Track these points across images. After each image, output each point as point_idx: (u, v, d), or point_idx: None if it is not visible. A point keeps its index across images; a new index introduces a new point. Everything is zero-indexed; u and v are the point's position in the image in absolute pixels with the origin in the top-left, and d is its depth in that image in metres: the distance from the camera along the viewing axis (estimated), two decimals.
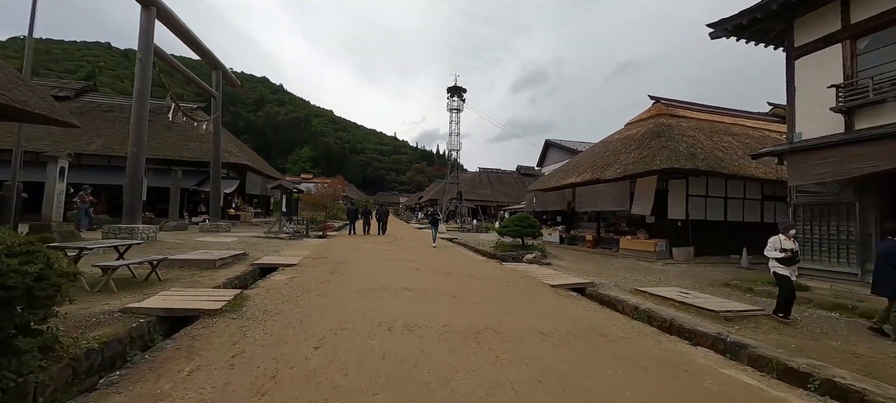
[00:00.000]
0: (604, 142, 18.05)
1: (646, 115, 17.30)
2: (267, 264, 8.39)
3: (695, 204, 13.33)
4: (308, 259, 9.45)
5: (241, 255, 9.04)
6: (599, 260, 12.40)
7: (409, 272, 7.97)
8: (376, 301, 5.36)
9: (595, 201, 14.69)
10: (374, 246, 13.38)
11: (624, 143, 15.68)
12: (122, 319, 4.05)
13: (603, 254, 14.16)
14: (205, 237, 12.59)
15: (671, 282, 8.39)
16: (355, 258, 9.98)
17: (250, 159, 22.63)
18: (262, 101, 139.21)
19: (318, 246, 12.51)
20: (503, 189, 44.94)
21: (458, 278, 7.55)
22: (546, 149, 30.27)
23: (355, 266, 8.60)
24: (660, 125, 14.90)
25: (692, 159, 11.92)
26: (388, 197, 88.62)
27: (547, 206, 18.80)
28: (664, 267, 11.20)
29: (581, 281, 7.67)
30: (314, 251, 11.21)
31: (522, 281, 7.59)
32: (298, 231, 16.08)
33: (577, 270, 9.86)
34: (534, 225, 12.85)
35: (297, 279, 6.92)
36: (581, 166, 17.10)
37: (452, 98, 30.75)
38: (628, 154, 14.34)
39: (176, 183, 15.10)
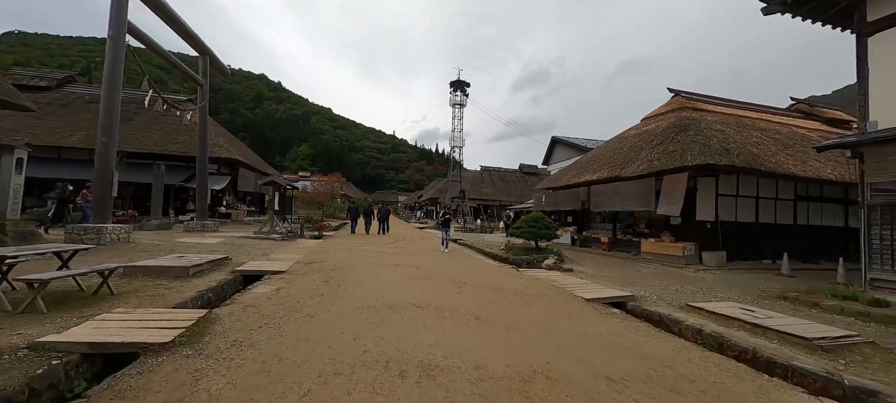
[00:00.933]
0: (620, 138, 16.92)
1: (664, 109, 16.20)
2: (251, 271, 7.21)
3: (725, 205, 12.23)
4: (300, 264, 8.28)
5: (222, 260, 7.86)
6: (622, 265, 11.27)
7: (416, 281, 6.81)
8: (381, 325, 4.20)
9: (613, 201, 13.56)
10: (375, 248, 12.21)
11: (644, 139, 14.56)
12: (25, 360, 2.88)
13: (622, 258, 13.04)
14: (187, 238, 11.40)
15: (715, 294, 7.27)
16: (354, 263, 8.82)
17: (243, 154, 21.41)
18: (260, 99, 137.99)
19: (313, 249, 11.34)
20: (506, 188, 43.80)
21: (476, 289, 6.39)
22: (552, 147, 29.13)
23: (354, 273, 7.44)
24: (683, 119, 13.80)
25: (726, 154, 10.79)
26: (387, 195, 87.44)
27: (558, 206, 17.66)
28: (696, 273, 10.08)
29: (619, 293, 6.53)
30: (308, 254, 10.04)
31: (550, 294, 6.44)
32: (292, 231, 14.89)
33: (603, 277, 8.73)
34: (549, 227, 11.72)
35: (283, 291, 5.75)
36: (596, 163, 15.97)
37: (455, 92, 29.54)
38: (650, 150, 13.22)
39: (158, 178, 13.89)
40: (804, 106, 18.78)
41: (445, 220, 13.25)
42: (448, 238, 13.14)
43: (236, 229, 15.77)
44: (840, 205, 14.17)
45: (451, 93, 29.45)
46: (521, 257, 11.05)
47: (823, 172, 11.81)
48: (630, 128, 17.22)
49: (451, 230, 13.93)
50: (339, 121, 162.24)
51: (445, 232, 13.06)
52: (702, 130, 12.18)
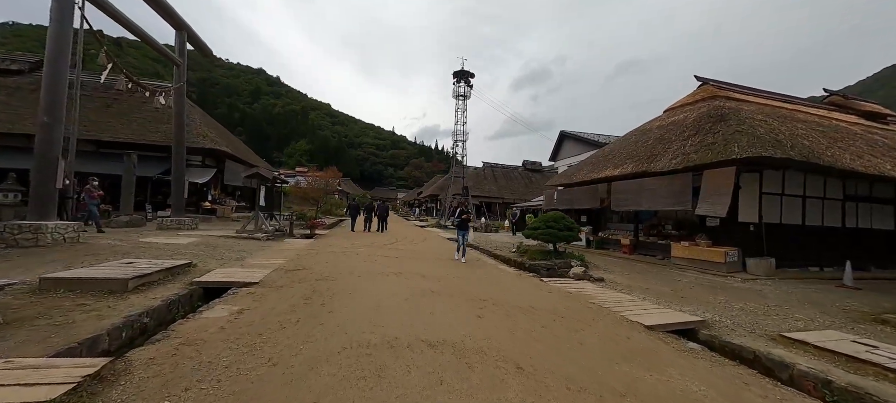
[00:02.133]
0: (641, 131, 15.45)
1: (692, 99, 14.74)
2: (214, 283, 5.72)
3: (768, 204, 10.79)
4: (279, 273, 6.79)
5: (182, 268, 6.37)
6: (655, 273, 9.83)
7: (424, 299, 5.34)
8: (376, 383, 2.75)
9: (640, 199, 12.11)
10: (373, 251, 10.73)
11: (672, 130, 13.10)
12: None
13: (649, 263, 11.60)
14: (156, 238, 9.90)
15: (792, 314, 5.86)
16: (346, 270, 7.34)
17: (231, 146, 19.86)
18: (258, 93, 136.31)
19: (301, 251, 9.85)
20: (509, 185, 42.33)
21: (502, 312, 4.93)
22: (561, 142, 27.64)
23: (345, 286, 5.96)
24: (717, 108, 12.34)
25: (779, 146, 9.34)
26: (386, 192, 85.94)
27: (572, 204, 16.20)
28: (745, 284, 8.65)
29: (685, 317, 5.06)
30: (293, 258, 8.55)
31: (598, 318, 4.97)
32: (280, 229, 13.40)
33: (643, 290, 7.29)
34: (571, 228, 10.25)
35: (246, 316, 4.27)
36: (617, 157, 14.50)
37: (459, 83, 27.96)
38: (682, 142, 11.76)
39: (129, 170, 12.35)
40: (838, 98, 17.31)
41: (463, 221, 10.16)
42: (466, 244, 10.26)
43: (219, 227, 14.26)
44: (890, 206, 12.76)
45: (454, 84, 27.90)
46: (540, 262, 9.60)
47: (883, 168, 10.37)
48: (653, 120, 15.75)
49: (470, 234, 11.21)
50: (338, 117, 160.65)
51: (463, 236, 10.10)
52: (744, 120, 10.73)
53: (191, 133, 17.54)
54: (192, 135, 17.45)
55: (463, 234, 10.09)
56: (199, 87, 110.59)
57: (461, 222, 10.18)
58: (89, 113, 17.65)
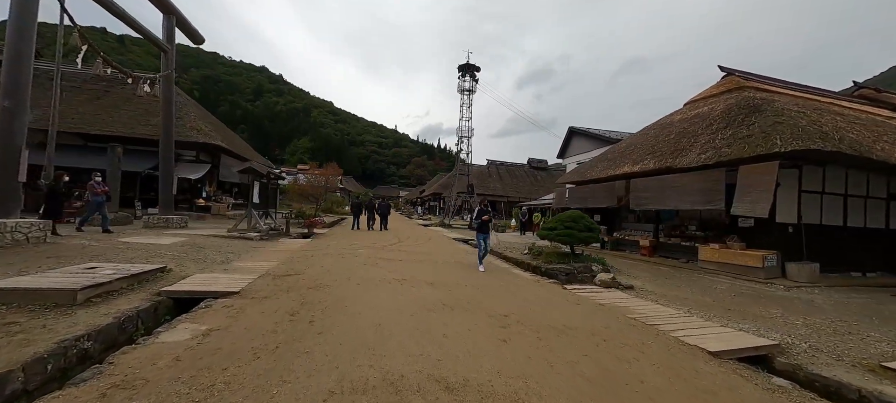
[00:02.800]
0: (661, 124, 14.49)
1: (717, 90, 13.78)
2: (187, 293, 4.86)
3: (808, 204, 9.83)
4: (266, 279, 5.93)
5: (154, 273, 5.51)
6: (686, 279, 8.91)
7: (434, 316, 4.46)
8: None
9: (664, 197, 11.17)
10: (374, 252, 9.86)
11: (697, 123, 12.15)
12: None
13: (674, 267, 10.68)
14: (137, 237, 9.07)
15: (861, 332, 4.98)
16: (343, 277, 6.47)
17: (227, 140, 19.02)
18: (260, 91, 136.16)
19: (295, 253, 8.99)
20: (514, 183, 41.34)
21: (529, 332, 4.04)
22: (569, 138, 26.64)
23: (340, 298, 5.08)
24: (747, 99, 11.41)
25: (827, 139, 8.38)
26: (388, 190, 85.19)
27: (585, 202, 15.25)
28: (789, 292, 7.72)
29: (756, 341, 4.15)
30: (285, 261, 7.69)
31: (646, 341, 4.07)
32: (276, 228, 12.56)
33: (679, 299, 6.39)
34: (592, 229, 9.34)
35: (214, 340, 3.41)
36: (636, 153, 13.56)
37: (464, 77, 26.99)
38: (711, 135, 10.83)
39: (114, 163, 11.53)
40: (869, 91, 16.25)
41: (483, 223, 8.47)
42: (488, 250, 8.81)
43: (212, 225, 13.43)
44: None
45: (459, 78, 26.95)
46: (557, 266, 8.69)
47: None
48: (673, 113, 14.79)
49: (491, 237, 9.46)
50: (340, 115, 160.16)
51: (485, 241, 8.51)
52: (781, 111, 9.78)
53: (184, 126, 16.73)
54: (185, 129, 16.64)
55: (484, 238, 8.47)
56: (202, 85, 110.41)
57: (482, 224, 8.45)
58: (77, 105, 16.89)
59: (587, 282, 8.42)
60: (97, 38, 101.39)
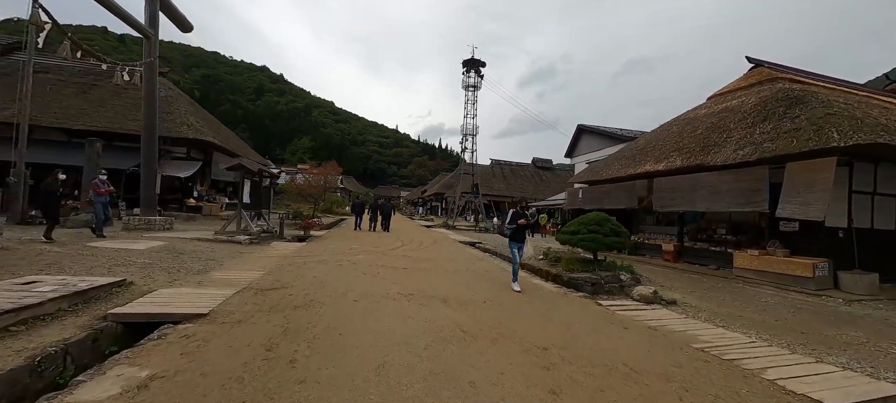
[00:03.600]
0: (684, 119, 13.47)
1: (745, 82, 12.79)
2: (144, 315, 3.88)
3: (858, 205, 8.82)
4: (247, 295, 4.94)
5: (108, 288, 4.53)
6: (726, 289, 7.91)
7: (455, 352, 3.46)
8: None
9: (694, 197, 10.16)
10: (375, 258, 8.87)
11: (728, 117, 11.14)
12: None
13: (704, 274, 9.67)
14: (109, 242, 8.10)
15: None
16: (339, 290, 5.48)
17: (221, 137, 18.06)
18: (261, 91, 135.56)
19: (286, 259, 8.01)
20: (518, 183, 40.38)
21: (583, 377, 3.04)
22: (578, 136, 25.58)
23: (332, 323, 4.09)
24: (783, 91, 10.43)
25: (889, 132, 7.37)
26: (389, 190, 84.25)
27: (602, 203, 14.24)
28: (851, 306, 6.71)
29: (883, 391, 3.14)
30: (273, 270, 6.70)
31: (735, 385, 3.07)
32: (269, 230, 11.59)
33: (733, 317, 5.39)
34: (619, 234, 8.33)
35: (154, 396, 2.41)
36: (659, 150, 12.55)
37: (469, 73, 25.97)
38: (748, 129, 9.82)
39: (92, 159, 10.57)
40: None
41: (519, 229, 6.66)
42: (520, 262, 6.98)
43: (201, 226, 12.45)
44: None
45: (463, 74, 25.95)
46: (581, 275, 7.68)
47: None
48: (697, 108, 13.77)
49: (527, 247, 7.46)
50: (342, 115, 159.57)
51: (519, 250, 6.72)
52: (830, 102, 8.78)
53: (173, 121, 15.80)
54: (174, 124, 15.70)
55: (518, 248, 6.70)
56: (203, 84, 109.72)
57: (517, 231, 6.61)
58: (62, 99, 15.96)
59: (616, 294, 7.46)
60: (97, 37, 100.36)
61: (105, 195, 8.95)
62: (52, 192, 7.87)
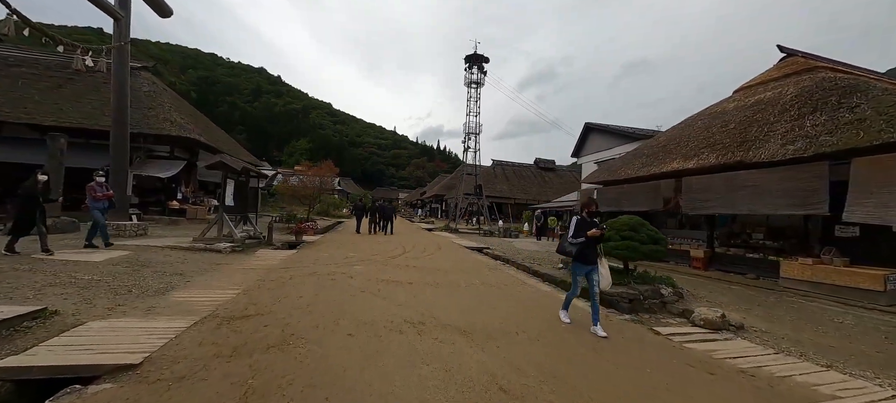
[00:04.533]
0: (710, 114, 12.37)
1: (777, 73, 11.74)
2: (48, 369, 2.70)
3: None
4: (205, 329, 3.77)
5: (14, 323, 3.35)
6: (781, 305, 6.78)
7: None
8: None
9: (733, 199, 9.04)
10: (374, 270, 7.71)
11: (765, 110, 10.06)
12: None
13: (746, 286, 8.54)
14: (63, 252, 6.91)
15: None
16: (329, 318, 4.34)
17: (208, 134, 16.86)
18: (259, 92, 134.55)
19: (270, 272, 6.83)
20: (521, 184, 39.31)
21: None
22: (585, 135, 24.49)
23: (316, 378, 2.94)
24: (828, 80, 9.40)
25: None
26: (387, 192, 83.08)
27: (620, 205, 13.13)
28: None
29: None
30: (250, 288, 5.53)
31: None
32: (256, 236, 10.41)
33: (817, 346, 4.28)
34: (658, 241, 7.19)
35: None
36: (685, 146, 11.44)
37: (471, 69, 24.84)
38: (793, 122, 8.73)
39: (54, 156, 9.37)
40: None
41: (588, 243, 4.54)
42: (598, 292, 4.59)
43: (183, 232, 11.23)
44: None
45: (465, 70, 24.82)
46: (615, 290, 6.56)
47: None
48: (724, 101, 12.68)
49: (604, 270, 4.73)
50: (340, 116, 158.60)
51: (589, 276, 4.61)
52: (890, 90, 7.71)
53: (156, 118, 14.61)
54: (156, 120, 14.52)
55: (588, 273, 4.59)
56: (199, 86, 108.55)
57: (585, 248, 4.52)
58: (34, 94, 14.74)
59: (657, 312, 6.37)
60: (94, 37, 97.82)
61: (102, 200, 7.75)
62: (32, 196, 6.62)
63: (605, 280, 4.73)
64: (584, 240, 4.50)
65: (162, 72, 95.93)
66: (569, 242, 4.61)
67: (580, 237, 4.53)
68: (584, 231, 4.54)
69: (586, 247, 4.55)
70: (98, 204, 7.64)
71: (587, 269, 4.61)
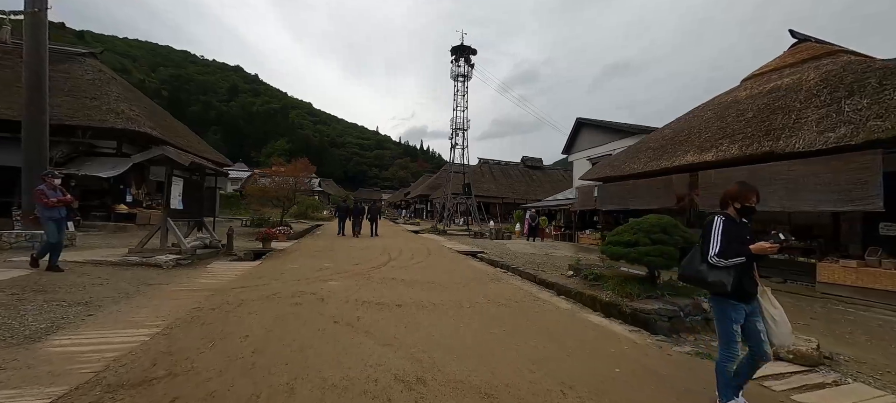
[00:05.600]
0: (721, 104, 11.44)
1: (791, 59, 10.93)
2: None
3: None
4: None
5: None
6: (848, 319, 5.73)
7: None
8: None
9: (762, 194, 8.05)
10: (353, 286, 6.28)
11: (788, 96, 9.16)
12: None
13: (784, 293, 7.52)
14: None
15: None
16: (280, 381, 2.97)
17: (164, 128, 14.87)
18: (235, 91, 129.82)
19: (215, 294, 5.30)
20: (509, 184, 38.34)
21: None
22: (577, 131, 23.56)
23: None
24: (858, 63, 8.71)
25: None
26: (370, 193, 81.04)
27: (626, 203, 12.11)
28: None
29: None
30: (177, 323, 4.02)
31: None
32: (211, 244, 8.76)
33: None
34: (690, 242, 6.05)
35: None
36: (699, 137, 10.46)
37: (458, 62, 23.52)
38: (827, 108, 7.81)
39: None
40: None
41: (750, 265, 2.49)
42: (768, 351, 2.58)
43: (126, 241, 9.43)
44: None
45: (452, 64, 23.50)
46: (647, 306, 5.39)
47: None
48: (734, 90, 11.81)
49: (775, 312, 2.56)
50: (320, 116, 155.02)
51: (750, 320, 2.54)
52: None
53: (98, 109, 12.67)
54: (100, 112, 12.57)
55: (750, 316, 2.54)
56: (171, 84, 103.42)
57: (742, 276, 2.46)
58: None
59: (700, 331, 5.26)
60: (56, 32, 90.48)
61: (56, 207, 5.88)
62: None
63: (784, 328, 2.54)
64: (745, 260, 2.42)
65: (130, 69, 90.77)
66: (710, 261, 2.50)
67: (737, 255, 2.41)
68: (743, 242, 2.46)
69: (745, 273, 2.46)
70: (52, 213, 5.79)
71: (746, 311, 2.53)
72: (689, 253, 2.88)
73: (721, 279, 2.46)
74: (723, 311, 2.57)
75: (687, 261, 2.83)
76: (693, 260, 2.73)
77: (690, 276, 2.75)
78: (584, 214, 16.65)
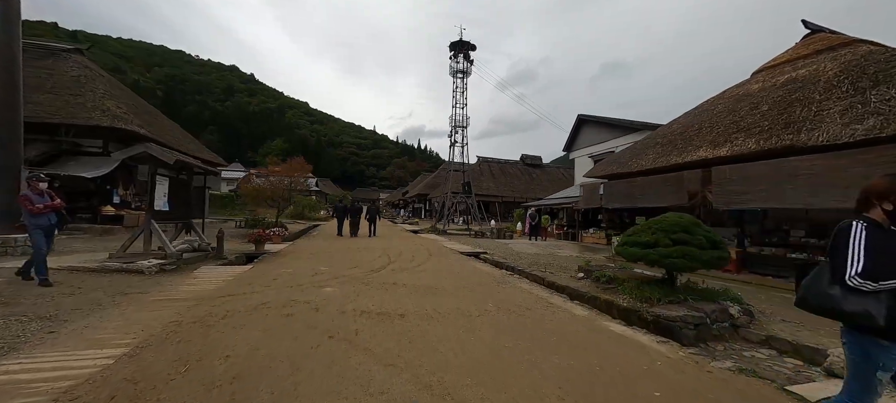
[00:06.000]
0: (732, 97, 11.03)
1: (805, 50, 10.55)
2: None
3: None
4: None
5: None
6: None
7: None
8: None
9: (780, 191, 7.62)
10: (350, 293, 5.82)
11: (805, 88, 8.75)
12: None
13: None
14: None
15: None
16: None
17: (153, 127, 14.33)
18: (231, 91, 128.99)
19: (199, 304, 4.82)
20: (508, 182, 37.93)
21: None
22: (578, 128, 23.15)
23: None
24: (880, 52, 8.30)
25: None
26: (368, 193, 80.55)
27: (634, 201, 11.69)
28: None
29: None
30: (149, 341, 3.54)
31: None
32: (200, 247, 8.27)
33: None
34: (717, 245, 5.63)
35: None
36: (711, 132, 10.04)
37: (457, 57, 23.04)
38: (849, 99, 7.40)
39: None
40: None
41: None
42: None
43: (108, 246, 8.92)
44: None
45: (450, 60, 23.01)
46: (670, 311, 4.98)
47: None
48: (744, 83, 11.41)
49: None
50: (317, 116, 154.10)
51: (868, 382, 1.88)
52: None
53: (83, 106, 12.13)
54: (85, 110, 12.03)
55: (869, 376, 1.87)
56: (166, 84, 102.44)
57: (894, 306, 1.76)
58: None
59: (728, 339, 4.91)
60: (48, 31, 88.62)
61: (45, 213, 5.32)
62: None
63: None
64: None
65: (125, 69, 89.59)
66: (849, 283, 1.83)
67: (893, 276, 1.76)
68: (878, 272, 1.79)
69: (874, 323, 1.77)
70: (39, 221, 5.23)
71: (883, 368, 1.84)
72: (813, 271, 2.13)
73: (866, 309, 1.76)
74: (866, 353, 1.83)
75: (810, 281, 2.07)
76: (818, 279, 2.02)
77: (817, 304, 1.99)
78: (587, 213, 16.23)
